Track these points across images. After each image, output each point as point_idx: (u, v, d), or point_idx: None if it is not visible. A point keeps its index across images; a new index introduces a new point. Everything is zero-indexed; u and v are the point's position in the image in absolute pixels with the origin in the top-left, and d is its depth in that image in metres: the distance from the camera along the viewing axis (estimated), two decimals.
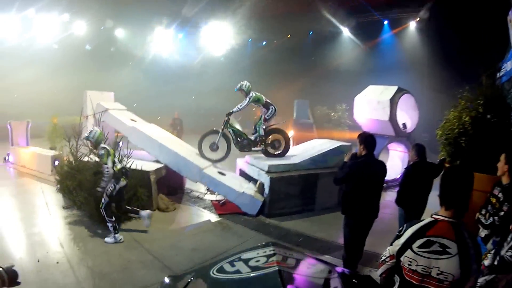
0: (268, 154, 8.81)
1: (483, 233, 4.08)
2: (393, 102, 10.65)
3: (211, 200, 8.88)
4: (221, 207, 8.38)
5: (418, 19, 19.39)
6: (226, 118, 8.73)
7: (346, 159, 5.15)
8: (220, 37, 21.28)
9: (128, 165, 7.38)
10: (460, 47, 15.25)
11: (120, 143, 9.22)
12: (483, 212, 4.17)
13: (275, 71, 21.27)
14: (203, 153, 8.93)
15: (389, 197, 10.16)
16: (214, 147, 8.76)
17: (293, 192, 8.04)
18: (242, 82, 8.76)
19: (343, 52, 21.86)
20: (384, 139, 11.10)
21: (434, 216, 2.46)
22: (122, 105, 10.17)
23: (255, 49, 23.30)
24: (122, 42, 20.92)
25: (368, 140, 4.91)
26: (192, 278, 2.38)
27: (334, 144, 9.07)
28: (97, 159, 7.05)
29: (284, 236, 6.87)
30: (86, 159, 7.85)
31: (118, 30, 20.51)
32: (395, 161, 11.96)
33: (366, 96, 11.36)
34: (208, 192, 9.11)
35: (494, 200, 4.08)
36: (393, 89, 10.97)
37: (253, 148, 8.78)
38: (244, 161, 9.30)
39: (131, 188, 7.32)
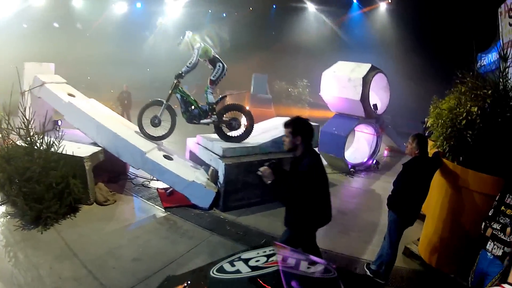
0: (223, 136, 7.03)
1: (499, 250, 3.39)
2: (366, 81, 9.28)
3: (157, 189, 7.24)
4: (168, 198, 6.80)
5: (389, 0, 18.03)
6: (174, 81, 6.99)
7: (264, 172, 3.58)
8: (179, 6, 19.16)
9: (59, 150, 5.85)
10: (433, 34, 14.46)
11: (60, 123, 7.85)
12: (498, 226, 3.46)
13: (235, 44, 19.37)
14: (145, 131, 7.23)
15: (356, 183, 9.12)
16: (155, 121, 7.07)
17: (252, 181, 6.46)
18: (184, 33, 7.05)
19: (307, 28, 20.40)
20: (353, 120, 9.84)
21: None
22: (61, 78, 8.18)
23: (215, 20, 21.18)
24: (80, 12, 18.46)
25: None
26: (192, 278, 2.23)
27: None
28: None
29: (243, 237, 5.50)
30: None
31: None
32: (361, 143, 10.76)
33: (335, 72, 9.82)
34: (154, 179, 7.43)
35: (509, 211, 3.44)
36: (366, 67, 9.59)
37: (202, 121, 7.06)
38: (194, 142, 7.62)
39: (62, 179, 5.65)
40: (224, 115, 6.96)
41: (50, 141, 5.84)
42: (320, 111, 13.41)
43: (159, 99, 7.09)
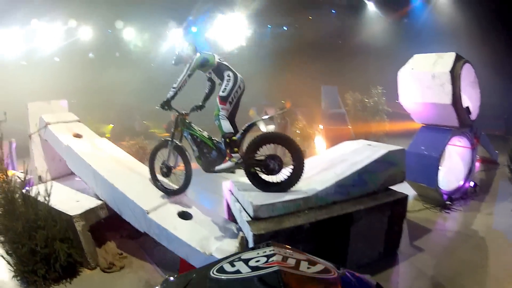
0: (258, 183, 4.30)
1: None
2: (455, 75, 6.10)
3: None
4: (189, 267, 4.21)
5: None
6: (176, 116, 4.72)
7: None
8: (236, 25, 16.89)
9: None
10: None
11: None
12: None
13: (299, 56, 16.64)
14: (157, 182, 4.98)
15: (453, 222, 6.00)
16: (164, 170, 4.78)
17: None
18: (178, 47, 4.73)
19: (370, 28, 16.82)
20: (445, 133, 6.64)
21: None
22: (74, 116, 6.44)
23: (276, 35, 18.64)
24: (132, 42, 16.77)
25: None
26: (192, 278, 1.98)
27: (377, 150, 4.74)
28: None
29: None
30: None
31: (127, 30, 16.20)
32: (455, 161, 7.32)
33: (413, 69, 6.64)
34: None
35: None
36: (450, 57, 6.34)
37: (217, 168, 4.34)
38: (228, 189, 5.01)
39: (46, 243, 4.36)
40: (257, 152, 4.27)
41: (35, 194, 4.63)
42: (403, 123, 10.18)
43: (166, 138, 4.85)
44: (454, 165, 7.19)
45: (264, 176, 4.28)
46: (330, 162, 4.95)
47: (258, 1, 15.30)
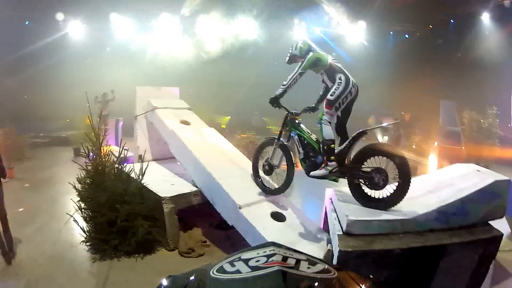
0: (359, 196, 3.96)
1: None
2: None
3: None
4: None
5: None
6: (286, 115, 4.52)
7: None
8: (358, 30, 16.38)
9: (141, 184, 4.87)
10: None
11: None
12: None
13: (419, 66, 15.68)
14: (258, 180, 4.89)
15: None
16: (266, 168, 4.69)
17: (387, 280, 3.42)
18: (293, 45, 4.47)
19: (489, 42, 14.87)
20: None
21: None
22: (184, 103, 6.76)
23: (398, 42, 17.65)
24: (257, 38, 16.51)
25: None
26: (192, 278, 2.00)
27: (485, 178, 4.05)
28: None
29: None
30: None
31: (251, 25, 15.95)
32: None
33: None
34: None
35: None
36: None
37: (312, 173, 4.14)
38: (329, 197, 4.69)
39: (127, 217, 4.57)
40: (364, 163, 3.95)
41: (125, 171, 4.92)
42: None
43: (273, 137, 4.70)
44: None
45: (367, 190, 3.94)
46: (436, 184, 4.41)
47: (382, 4, 14.52)
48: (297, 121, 4.45)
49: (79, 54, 14.55)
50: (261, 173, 4.83)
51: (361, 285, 2.03)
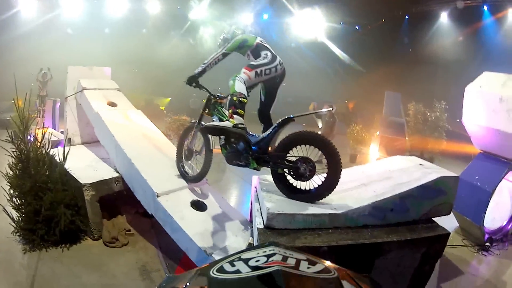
0: (283, 187, 3.57)
1: None
2: None
3: None
4: (189, 264, 3.81)
5: None
6: (208, 97, 4.12)
7: None
8: (311, 19, 16.22)
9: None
10: None
11: None
12: None
13: (368, 58, 15.83)
14: (180, 167, 4.51)
15: (487, 268, 5.19)
16: (186, 153, 4.36)
17: None
18: (227, 29, 4.18)
19: (442, 39, 15.26)
20: (502, 165, 5.68)
21: None
22: (114, 84, 6.24)
23: (348, 33, 17.59)
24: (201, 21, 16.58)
25: None
26: (191, 278, 1.90)
27: (429, 173, 3.79)
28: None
29: None
30: None
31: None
32: (504, 197, 6.20)
33: (481, 88, 5.65)
34: None
35: None
36: None
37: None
38: (254, 185, 4.31)
39: (50, 205, 4.29)
40: (289, 152, 3.65)
41: (46, 155, 4.54)
42: (460, 144, 9.17)
43: (193, 120, 4.36)
44: (502, 202, 6.15)
45: (293, 181, 3.59)
46: (372, 177, 4.13)
47: None
48: (218, 105, 4.05)
49: (30, 32, 13.61)
50: (184, 159, 4.47)
51: (361, 284, 1.95)
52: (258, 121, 4.05)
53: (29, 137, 4.60)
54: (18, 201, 4.36)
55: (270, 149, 3.65)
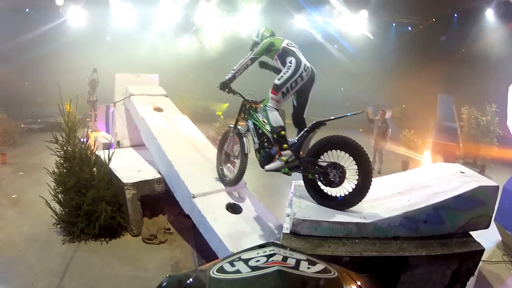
0: (314, 193, 3.57)
1: None
2: None
3: None
4: None
5: None
6: (242, 102, 4.26)
7: None
8: (363, 21, 15.89)
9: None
10: None
11: None
12: None
13: (421, 59, 15.06)
14: (219, 170, 4.64)
15: None
16: (222, 158, 4.56)
17: None
18: (256, 32, 4.27)
19: (493, 36, 14.07)
20: None
21: None
22: (162, 90, 6.55)
23: (400, 34, 17.06)
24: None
25: None
26: (192, 278, 1.97)
27: (468, 182, 3.54)
28: None
29: None
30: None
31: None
32: None
33: None
34: None
35: None
36: None
37: (266, 167, 3.75)
38: (291, 190, 4.25)
39: (92, 201, 4.64)
40: (320, 157, 3.54)
41: (90, 155, 4.97)
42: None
43: (231, 125, 4.50)
44: None
45: (324, 187, 3.55)
46: (409, 185, 3.91)
47: None
48: (252, 110, 4.14)
49: (78, 40, 14.51)
50: (222, 163, 4.63)
51: (361, 284, 1.96)
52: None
53: (78, 139, 5.04)
54: (62, 196, 4.73)
55: (302, 153, 3.67)
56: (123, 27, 14.66)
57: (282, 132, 3.62)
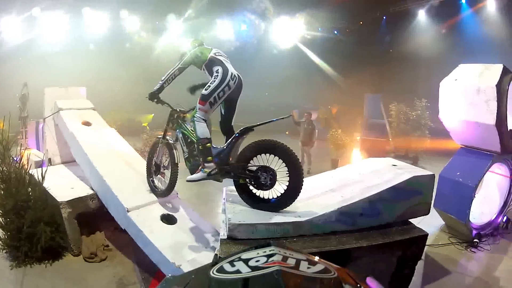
0: (247, 198, 3.59)
1: None
2: (501, 91, 5.08)
3: None
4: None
5: None
6: (171, 111, 4.25)
7: None
8: (289, 27, 16.47)
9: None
10: None
11: None
12: None
13: (348, 62, 15.85)
14: (150, 182, 4.55)
15: (476, 265, 5.05)
16: (153, 169, 4.48)
17: None
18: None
19: (421, 36, 15.27)
20: (485, 159, 5.60)
21: None
22: (90, 103, 6.30)
23: (327, 38, 17.66)
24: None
25: None
26: (191, 278, 1.92)
27: (401, 173, 3.79)
28: None
29: None
30: None
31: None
32: (491, 190, 6.15)
33: (457, 80, 5.62)
34: None
35: None
36: (497, 69, 5.26)
37: (189, 177, 3.71)
38: (223, 196, 4.25)
39: (31, 223, 4.46)
40: (250, 161, 3.58)
41: (26, 175, 4.69)
42: (445, 141, 8.98)
43: (159, 136, 4.47)
44: (490, 194, 6.11)
45: (256, 190, 3.60)
46: (342, 182, 4.08)
47: (310, 2, 14.66)
48: (180, 120, 4.13)
49: (9, 54, 13.52)
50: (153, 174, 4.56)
51: (361, 284, 1.91)
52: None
53: (12, 158, 4.73)
54: (3, 219, 4.51)
55: (231, 159, 3.69)
56: (54, 40, 14.06)
57: (208, 145, 3.62)
